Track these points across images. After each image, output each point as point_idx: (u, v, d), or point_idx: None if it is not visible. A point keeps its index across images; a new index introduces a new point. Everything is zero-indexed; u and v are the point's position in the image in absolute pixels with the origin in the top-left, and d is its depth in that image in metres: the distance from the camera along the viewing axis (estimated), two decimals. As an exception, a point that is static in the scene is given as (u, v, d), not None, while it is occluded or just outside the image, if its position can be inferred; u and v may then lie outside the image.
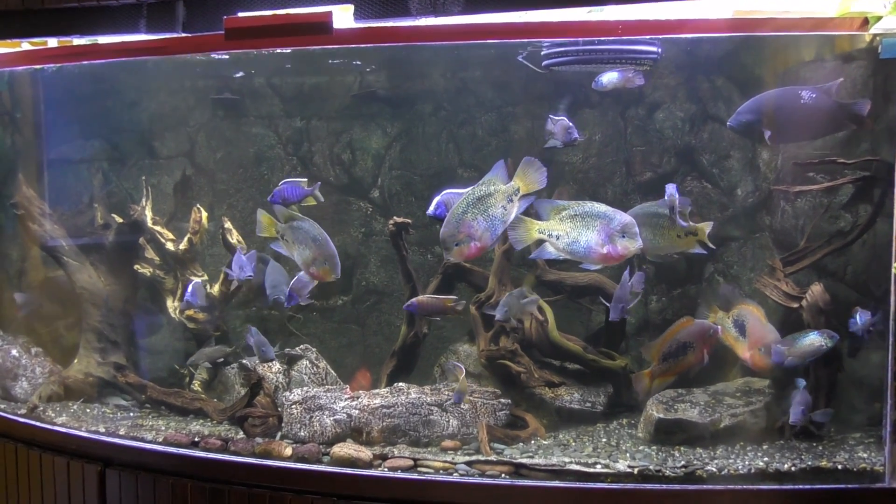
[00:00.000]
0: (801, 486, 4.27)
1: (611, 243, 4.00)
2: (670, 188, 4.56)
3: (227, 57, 6.14)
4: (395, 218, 5.46)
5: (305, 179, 5.60)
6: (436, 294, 5.50)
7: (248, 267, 5.46)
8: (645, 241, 4.30)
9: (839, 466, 4.39)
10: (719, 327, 4.75)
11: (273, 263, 5.44)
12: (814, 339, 4.72)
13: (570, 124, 5.08)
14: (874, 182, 4.80)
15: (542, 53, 4.95)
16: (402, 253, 5.52)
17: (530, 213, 4.38)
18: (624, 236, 3.97)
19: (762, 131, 4.53)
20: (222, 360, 6.01)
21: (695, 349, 4.62)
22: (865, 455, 4.53)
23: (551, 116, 5.20)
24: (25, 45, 5.62)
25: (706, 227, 4.62)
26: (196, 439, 5.06)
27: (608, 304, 4.81)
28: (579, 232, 4.07)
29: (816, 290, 4.84)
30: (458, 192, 4.79)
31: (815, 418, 4.65)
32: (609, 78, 5.01)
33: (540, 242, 4.34)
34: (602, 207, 4.00)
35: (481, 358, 5.46)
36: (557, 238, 4.12)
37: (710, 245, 4.62)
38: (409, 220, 5.43)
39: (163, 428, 5.38)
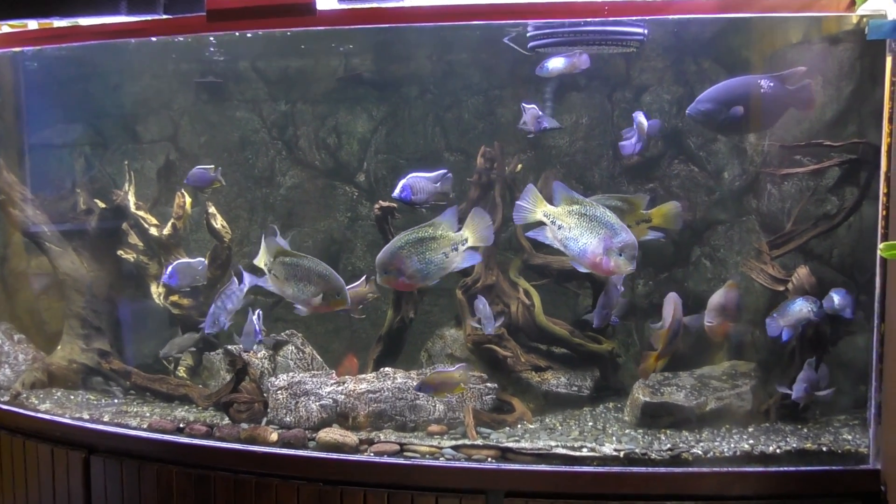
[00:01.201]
0: (786, 468, 4.31)
1: (606, 256, 3.97)
2: (637, 115, 4.59)
3: (211, 40, 6.11)
4: (380, 202, 5.43)
5: (213, 166, 5.72)
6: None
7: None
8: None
9: (824, 448, 4.42)
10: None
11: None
12: (802, 306, 4.76)
13: (540, 113, 5.08)
14: (860, 165, 4.80)
15: (528, 35, 4.92)
16: (388, 237, 5.48)
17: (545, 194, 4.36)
18: (621, 255, 3.95)
19: (720, 121, 4.48)
20: (196, 347, 5.96)
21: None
22: (850, 437, 4.56)
23: (523, 105, 5.18)
24: (5, 28, 5.55)
25: (668, 208, 4.55)
26: (181, 425, 5.05)
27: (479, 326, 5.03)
28: (581, 232, 4.04)
29: (802, 272, 4.86)
30: (424, 175, 4.83)
31: (818, 397, 4.65)
32: (554, 63, 5.00)
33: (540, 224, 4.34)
34: (612, 219, 3.99)
35: (468, 342, 5.45)
36: (559, 228, 4.11)
37: (672, 227, 4.58)
38: (396, 205, 5.40)
39: (147, 414, 5.36)
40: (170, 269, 5.70)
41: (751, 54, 5.62)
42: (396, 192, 4.89)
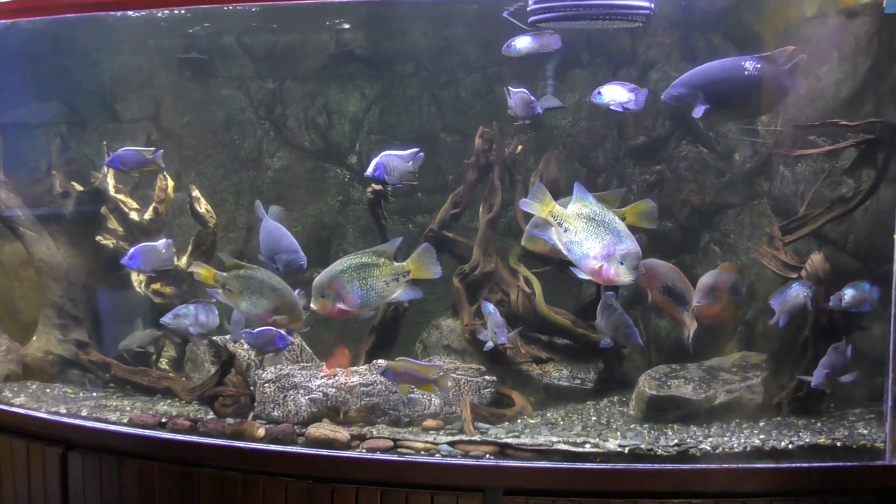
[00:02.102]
0: (798, 464, 4.30)
1: (607, 263, 3.98)
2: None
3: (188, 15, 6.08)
4: (373, 185, 5.40)
5: (152, 149, 5.64)
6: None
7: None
8: None
9: (838, 443, 4.42)
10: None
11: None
12: (798, 291, 4.77)
13: (532, 98, 5.01)
14: (878, 145, 4.78)
15: (529, 9, 4.88)
16: (381, 222, 5.47)
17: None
18: (622, 264, 3.95)
19: (696, 107, 4.44)
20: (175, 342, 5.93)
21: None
22: (866, 431, 4.56)
23: (509, 88, 5.12)
24: (-25, 1, 5.50)
25: (643, 206, 4.52)
26: (163, 420, 5.04)
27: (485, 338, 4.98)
28: (586, 236, 4.04)
29: (816, 259, 4.84)
30: (398, 153, 4.84)
31: (841, 382, 4.63)
32: (522, 43, 4.96)
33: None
34: (620, 226, 3.99)
35: (465, 333, 5.44)
36: (565, 230, 4.11)
37: (646, 226, 4.55)
38: (390, 188, 5.38)
39: (128, 408, 5.34)
40: (131, 250, 5.57)
41: (763, 29, 5.59)
42: (370, 171, 4.87)
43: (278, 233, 4.92)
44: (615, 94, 4.80)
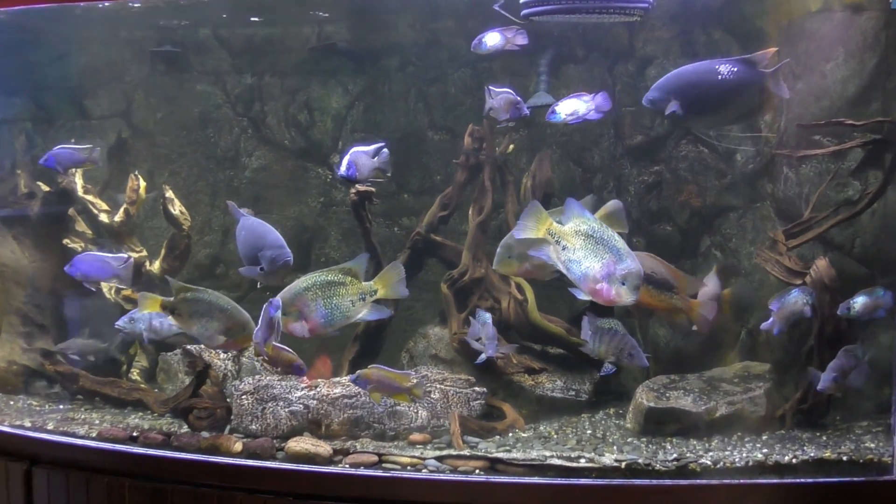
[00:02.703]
0: (802, 480, 4.31)
1: (608, 283, 4.00)
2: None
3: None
4: (357, 186, 5.40)
5: (89, 146, 5.68)
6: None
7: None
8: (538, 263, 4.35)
9: (844, 458, 4.43)
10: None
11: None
12: (797, 298, 4.79)
13: (518, 98, 5.00)
14: (885, 145, 4.81)
15: (521, 2, 4.89)
16: (365, 225, 5.47)
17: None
18: (623, 284, 3.98)
19: (673, 112, 4.47)
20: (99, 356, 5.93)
21: None
22: (873, 445, 4.58)
23: (491, 88, 5.12)
24: (-65, -10, 5.48)
25: (609, 209, 4.44)
26: (134, 434, 5.02)
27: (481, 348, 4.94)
28: (585, 254, 4.06)
29: (821, 264, 4.86)
30: (364, 149, 4.83)
31: (851, 382, 4.62)
32: (492, 39, 4.98)
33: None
34: (620, 244, 4.01)
35: (454, 342, 5.44)
36: (563, 248, 4.13)
37: (620, 229, 4.52)
38: (374, 189, 5.38)
39: (97, 421, 5.33)
40: (74, 258, 5.57)
41: (766, 23, 5.63)
42: (343, 170, 4.85)
43: (261, 228, 4.89)
44: (573, 109, 4.84)
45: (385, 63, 6.49)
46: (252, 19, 6.59)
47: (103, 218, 6.06)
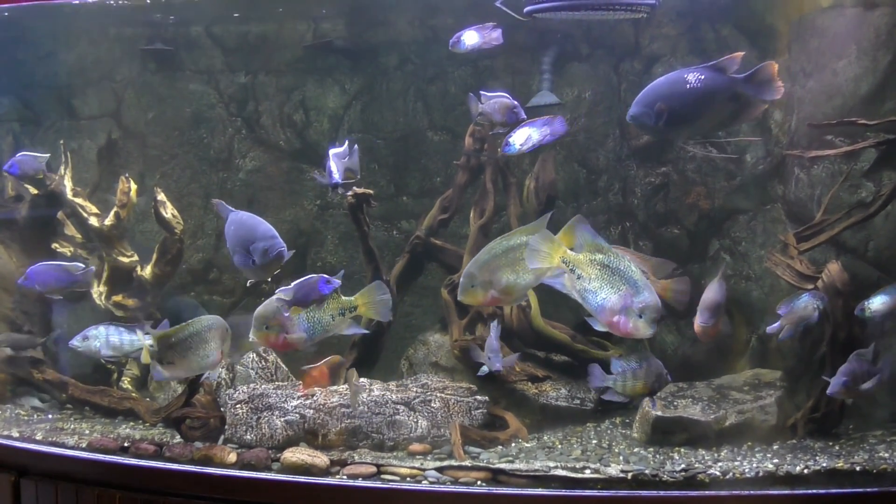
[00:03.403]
0: (814, 491, 4.33)
1: (625, 315, 3.99)
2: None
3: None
4: (354, 188, 5.43)
5: (47, 155, 5.77)
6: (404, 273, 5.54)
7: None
8: (508, 284, 4.35)
9: (857, 468, 4.46)
10: None
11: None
12: (808, 302, 4.82)
13: (515, 102, 5.02)
14: (900, 146, 4.85)
15: (525, -1, 4.94)
16: (363, 229, 5.49)
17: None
18: (641, 317, 3.97)
19: (653, 126, 4.51)
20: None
21: None
22: (887, 455, 4.61)
23: (483, 93, 5.15)
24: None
25: (572, 231, 4.50)
26: (126, 444, 5.04)
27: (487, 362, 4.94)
28: (601, 285, 4.06)
29: (834, 269, 4.88)
30: (336, 151, 4.93)
31: (863, 389, 4.62)
32: (469, 38, 5.03)
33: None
34: (637, 275, 4.02)
35: (454, 349, 5.48)
36: (578, 277, 4.13)
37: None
38: (372, 192, 5.41)
39: (87, 432, 5.35)
40: (29, 270, 5.60)
41: (776, 20, 5.66)
42: (337, 177, 4.90)
43: (252, 220, 4.86)
44: (525, 136, 4.93)
45: (383, 61, 6.52)
46: (242, 16, 6.60)
47: (93, 221, 6.07)
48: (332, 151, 4.97)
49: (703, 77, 4.37)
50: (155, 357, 4.75)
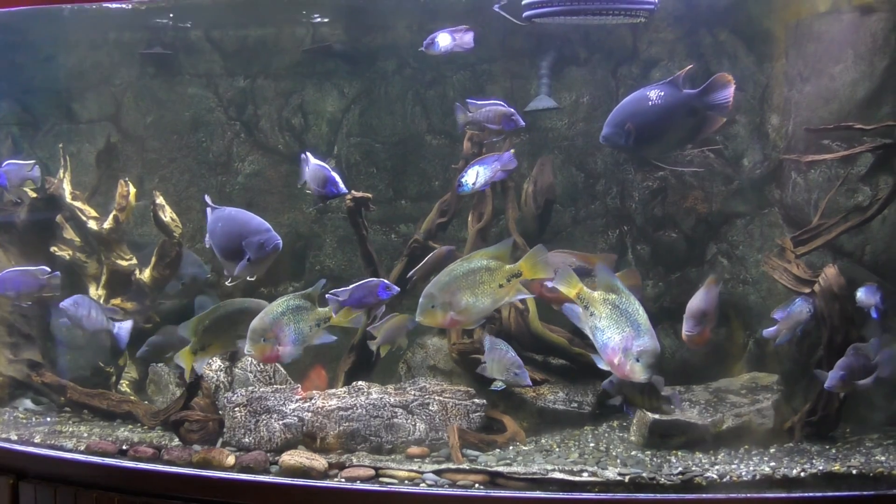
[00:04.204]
0: (811, 494, 4.35)
1: (624, 357, 4.15)
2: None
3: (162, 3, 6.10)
4: (353, 192, 5.45)
5: (31, 162, 5.78)
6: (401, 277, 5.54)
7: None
8: (467, 306, 4.48)
9: (854, 471, 4.47)
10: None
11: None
12: (802, 307, 4.89)
13: (511, 109, 5.05)
14: (896, 150, 4.87)
15: (523, 3, 4.95)
16: (361, 232, 5.51)
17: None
18: (638, 360, 4.13)
19: (623, 145, 4.58)
20: None
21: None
22: (883, 458, 4.62)
23: (472, 101, 5.17)
24: (-82, -10, 5.53)
25: (535, 258, 4.57)
26: (124, 447, 5.04)
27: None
28: (608, 324, 4.23)
29: (830, 272, 4.90)
30: (320, 163, 4.94)
31: (859, 387, 4.66)
32: (443, 40, 5.08)
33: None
34: (641, 318, 4.16)
35: (452, 353, 5.49)
36: (591, 314, 4.30)
37: (546, 275, 4.61)
38: (370, 195, 5.42)
39: (85, 434, 5.35)
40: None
41: (773, 24, 5.68)
42: (342, 186, 4.90)
43: (242, 215, 4.84)
44: (478, 173, 5.05)
45: (382, 65, 6.53)
46: (242, 21, 6.62)
47: (92, 225, 6.08)
48: (316, 161, 4.97)
49: (662, 93, 4.47)
50: (195, 346, 4.78)
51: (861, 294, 4.77)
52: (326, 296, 4.64)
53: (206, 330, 4.77)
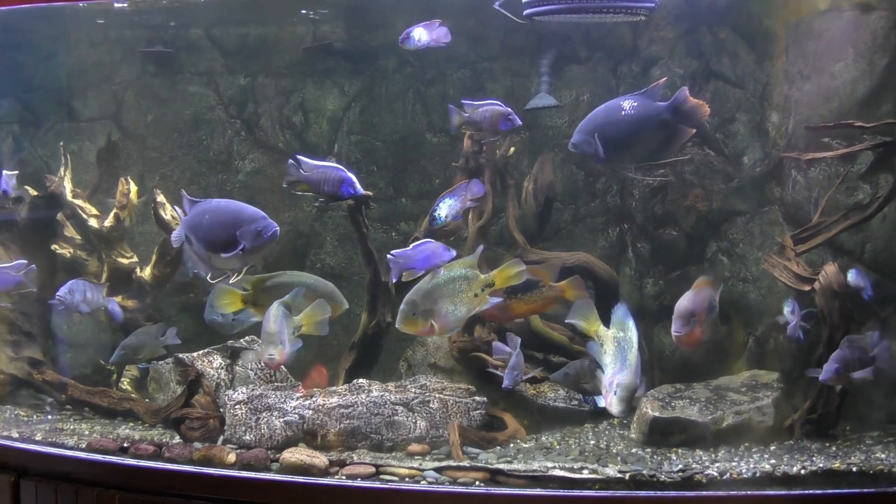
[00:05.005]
0: (811, 491, 4.35)
1: (609, 390, 4.31)
2: None
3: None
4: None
5: (16, 172, 5.84)
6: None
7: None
8: (446, 315, 4.59)
9: (854, 469, 4.47)
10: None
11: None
12: (789, 307, 5.00)
13: (509, 109, 5.07)
14: (896, 148, 4.87)
15: (523, 1, 4.95)
16: (361, 230, 5.51)
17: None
18: (615, 394, 4.26)
19: (597, 155, 4.63)
20: None
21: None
22: (883, 455, 4.62)
23: (467, 102, 5.18)
24: (-81, -12, 5.53)
25: (510, 270, 4.70)
26: (125, 445, 5.05)
27: (499, 374, 4.97)
28: (609, 360, 4.38)
29: (830, 270, 4.89)
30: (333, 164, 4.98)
31: (854, 378, 4.66)
32: (419, 34, 5.11)
33: None
34: (631, 354, 4.28)
35: (453, 350, 5.48)
36: (601, 347, 4.49)
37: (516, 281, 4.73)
38: (371, 193, 5.42)
39: (86, 432, 5.36)
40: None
41: (774, 23, 5.68)
42: (359, 187, 4.95)
43: (233, 205, 4.76)
44: (450, 206, 5.13)
45: (382, 63, 6.53)
46: (242, 18, 6.61)
47: (93, 223, 6.09)
48: (326, 162, 5.00)
49: (636, 104, 4.53)
50: (248, 298, 4.87)
51: (852, 277, 4.81)
52: (387, 256, 4.68)
53: (264, 290, 4.82)
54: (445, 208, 5.09)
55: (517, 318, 5.25)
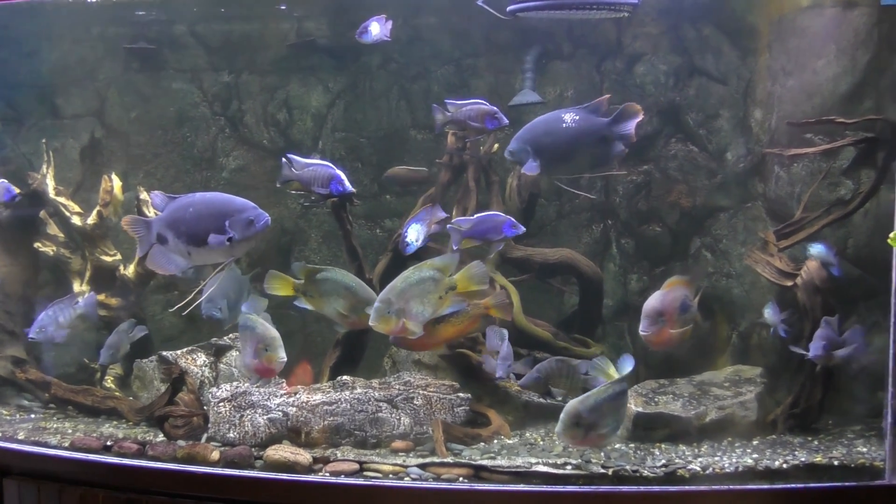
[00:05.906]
0: (793, 486, 4.37)
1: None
2: None
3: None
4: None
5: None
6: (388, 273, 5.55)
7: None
8: (416, 314, 4.63)
9: (836, 462, 4.50)
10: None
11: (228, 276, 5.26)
12: (770, 309, 5.04)
13: (494, 108, 5.08)
14: (878, 144, 4.89)
15: (508, -4, 4.97)
16: (346, 227, 5.50)
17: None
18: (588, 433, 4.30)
19: (528, 162, 4.69)
20: None
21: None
22: (865, 450, 4.66)
23: (450, 102, 5.18)
24: None
25: (468, 274, 4.71)
26: (109, 443, 5.03)
27: (486, 368, 5.01)
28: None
29: (813, 266, 4.93)
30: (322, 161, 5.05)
31: (839, 355, 4.71)
32: (374, 29, 5.17)
33: None
34: (608, 393, 4.28)
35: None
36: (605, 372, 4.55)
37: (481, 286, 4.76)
38: (355, 190, 5.42)
39: (70, 431, 5.33)
40: None
41: (756, 19, 5.70)
42: (348, 185, 4.99)
43: (220, 196, 4.69)
44: (418, 231, 5.14)
45: (366, 60, 6.53)
46: (227, 16, 6.60)
47: (76, 220, 6.06)
48: (314, 160, 4.99)
49: (577, 118, 4.56)
50: (300, 287, 4.89)
51: (819, 251, 4.91)
52: (448, 227, 4.79)
53: (313, 281, 4.86)
54: (414, 233, 5.12)
55: (442, 343, 5.16)
